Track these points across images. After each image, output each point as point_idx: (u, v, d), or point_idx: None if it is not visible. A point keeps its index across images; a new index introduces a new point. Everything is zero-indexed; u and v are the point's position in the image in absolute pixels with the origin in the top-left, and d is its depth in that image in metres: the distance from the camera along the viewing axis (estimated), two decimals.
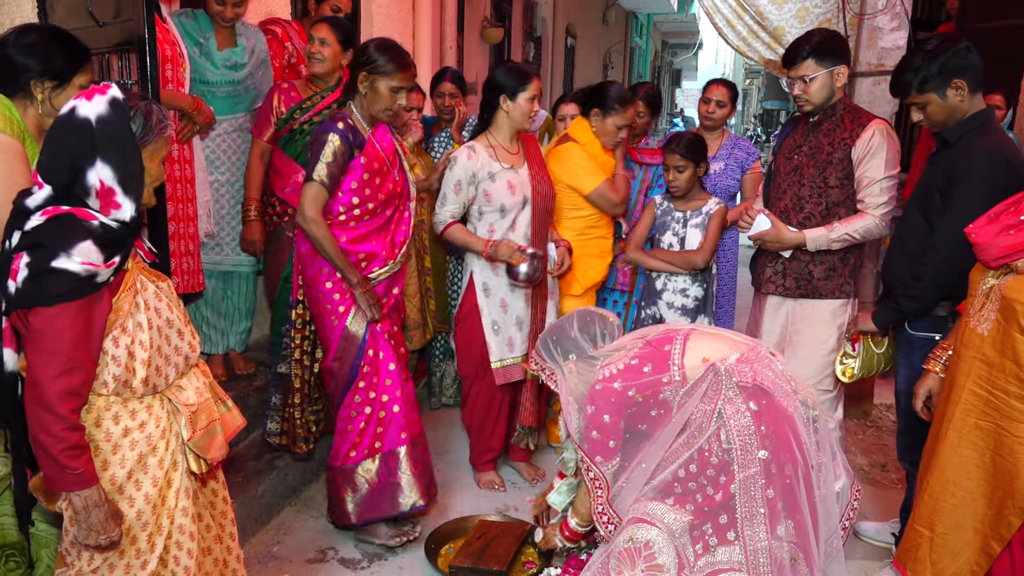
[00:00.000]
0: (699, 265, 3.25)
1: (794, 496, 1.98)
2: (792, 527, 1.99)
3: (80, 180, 1.66)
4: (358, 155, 2.76)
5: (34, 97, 2.03)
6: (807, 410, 2.06)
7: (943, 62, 2.44)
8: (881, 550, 3.00)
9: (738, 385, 2.00)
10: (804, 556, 1.99)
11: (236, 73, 3.31)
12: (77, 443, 1.64)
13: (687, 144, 3.28)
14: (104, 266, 1.64)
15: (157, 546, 1.80)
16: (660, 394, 2.08)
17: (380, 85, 2.74)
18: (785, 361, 2.94)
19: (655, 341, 2.17)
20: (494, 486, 3.43)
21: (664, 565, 1.99)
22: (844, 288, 2.97)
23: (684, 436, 2.04)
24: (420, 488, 2.87)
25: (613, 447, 2.12)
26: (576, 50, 12.91)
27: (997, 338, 2.07)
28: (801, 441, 1.99)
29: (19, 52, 2.01)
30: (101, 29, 2.45)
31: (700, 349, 2.11)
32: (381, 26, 5.32)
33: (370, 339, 2.81)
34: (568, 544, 2.49)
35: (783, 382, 2.05)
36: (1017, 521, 2.03)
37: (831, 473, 2.08)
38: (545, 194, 3.22)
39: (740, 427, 1.96)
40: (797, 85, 2.89)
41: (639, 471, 2.07)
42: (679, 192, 3.30)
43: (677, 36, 24.64)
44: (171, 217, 3.00)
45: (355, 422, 2.83)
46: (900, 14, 5.24)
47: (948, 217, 2.45)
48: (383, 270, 2.86)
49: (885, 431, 4.09)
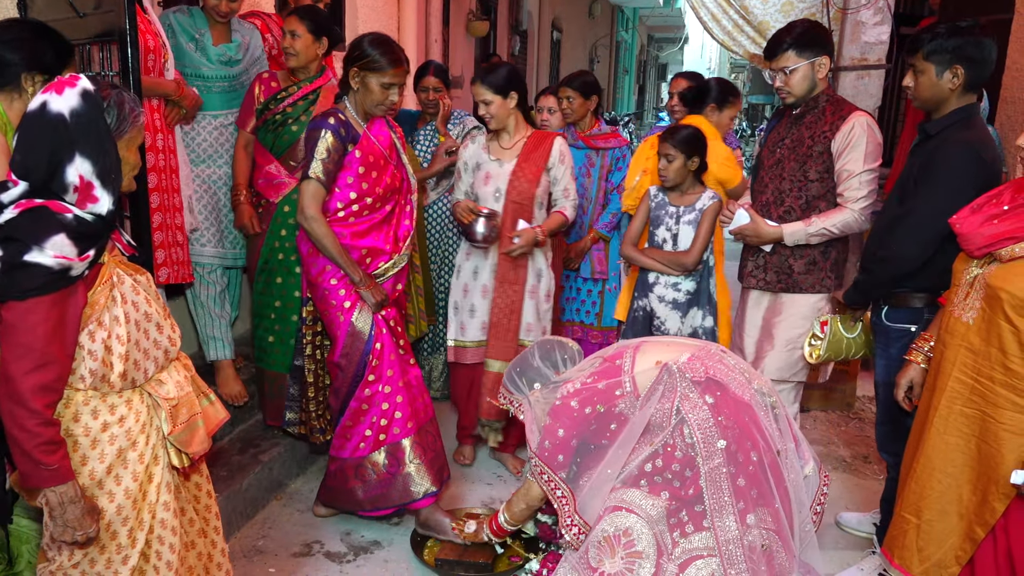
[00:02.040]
0: (689, 267, 3.25)
1: (762, 483, 2.02)
2: (765, 514, 2.02)
3: (59, 177, 1.63)
4: (352, 149, 2.75)
5: (23, 90, 2.02)
6: (764, 397, 2.10)
7: (961, 43, 2.40)
8: (863, 540, 3.03)
9: (692, 381, 2.05)
10: (780, 541, 2.02)
11: (231, 68, 3.30)
12: (52, 439, 1.62)
13: (680, 135, 3.29)
14: (78, 260, 1.61)
15: (138, 541, 1.79)
16: (615, 407, 2.14)
17: (371, 81, 2.74)
18: (753, 354, 3.03)
19: (609, 357, 2.25)
20: (460, 457, 3.58)
21: (644, 552, 2.01)
22: (824, 282, 2.96)
23: (646, 436, 2.09)
24: (431, 475, 2.87)
25: (562, 461, 2.18)
26: (562, 44, 12.92)
27: (982, 326, 2.09)
28: (762, 428, 2.04)
29: (7, 47, 2.00)
30: (82, 20, 2.43)
31: (651, 355, 2.18)
32: (366, 19, 5.29)
33: (376, 333, 2.82)
34: (494, 539, 2.64)
35: (736, 374, 2.11)
36: (1001, 507, 2.06)
37: (795, 458, 2.13)
38: (521, 190, 3.25)
39: (699, 420, 2.01)
40: (779, 77, 2.88)
41: (604, 476, 2.10)
42: (666, 182, 3.30)
43: (663, 30, 24.70)
44: (156, 208, 2.98)
45: (366, 415, 2.84)
46: (883, 9, 5.28)
47: (916, 204, 2.46)
48: (388, 265, 2.87)
49: (867, 423, 4.13)
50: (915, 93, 2.53)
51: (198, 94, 3.12)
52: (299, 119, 3.18)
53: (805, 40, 2.83)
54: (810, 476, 2.18)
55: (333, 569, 2.80)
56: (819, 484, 2.21)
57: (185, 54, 3.15)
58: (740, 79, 32.77)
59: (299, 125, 3.17)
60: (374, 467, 2.85)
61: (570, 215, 3.36)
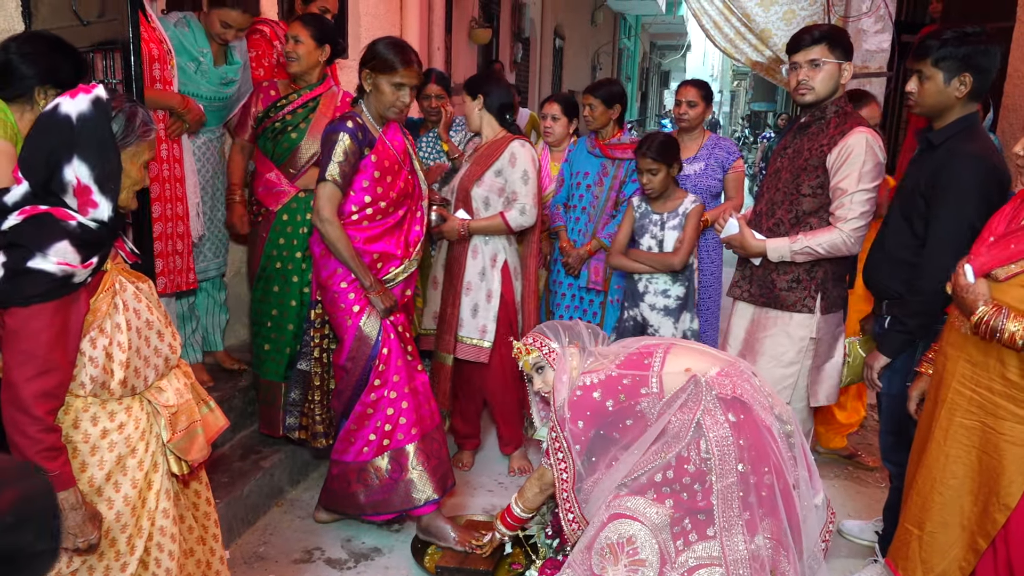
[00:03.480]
0: (676, 267, 3.28)
1: (775, 508, 2.00)
2: (772, 536, 2.01)
3: (57, 176, 1.64)
4: (368, 153, 2.77)
5: (35, 103, 2.06)
6: (782, 425, 2.09)
7: (970, 51, 2.36)
8: (864, 548, 3.02)
9: (717, 397, 2.03)
10: (788, 563, 2.02)
11: (228, 89, 3.34)
12: (53, 445, 1.63)
13: (658, 147, 3.30)
14: (81, 267, 1.62)
15: (137, 548, 1.79)
16: (637, 405, 2.12)
17: (382, 82, 2.75)
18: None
19: (638, 352, 2.22)
20: (459, 464, 3.58)
21: (647, 560, 2.01)
22: (807, 302, 2.79)
23: (659, 443, 2.07)
24: (434, 482, 2.87)
25: (578, 451, 2.17)
26: (564, 51, 12.94)
27: None
28: (780, 455, 2.02)
29: (24, 60, 2.05)
30: (85, 28, 2.44)
31: (681, 361, 2.15)
32: (368, 26, 5.31)
33: (384, 338, 2.82)
34: (507, 532, 2.59)
35: (761, 397, 2.09)
36: (1001, 518, 2.05)
37: (809, 488, 2.11)
38: (463, 187, 3.38)
39: (719, 437, 1.99)
40: (802, 70, 2.71)
41: (609, 476, 2.10)
42: (654, 194, 3.33)
43: (665, 38, 24.75)
44: (158, 218, 3.00)
45: (371, 420, 2.84)
46: (884, 17, 5.29)
47: (938, 228, 2.39)
48: (399, 270, 2.88)
49: (869, 431, 4.12)
50: (919, 99, 2.46)
51: (202, 110, 3.15)
52: (298, 127, 3.20)
53: (837, 39, 2.70)
54: (819, 507, 2.16)
55: None
56: (826, 519, 2.19)
57: (184, 72, 3.16)
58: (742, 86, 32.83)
59: (298, 133, 3.19)
60: (377, 472, 2.85)
61: (511, 219, 3.29)
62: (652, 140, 3.35)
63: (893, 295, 2.60)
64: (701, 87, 4.02)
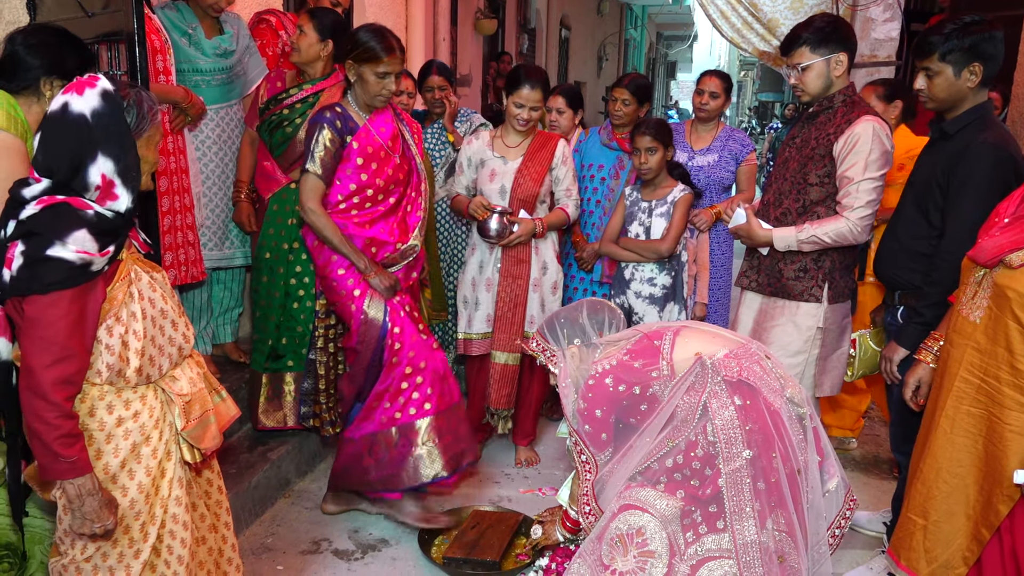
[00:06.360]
0: (664, 253, 3.29)
1: (782, 494, 1.99)
2: (781, 522, 2.00)
3: (81, 176, 1.66)
4: (350, 141, 2.77)
5: (41, 95, 2.06)
6: (794, 407, 2.07)
7: (976, 41, 2.35)
8: (873, 539, 3.02)
9: (724, 380, 2.01)
10: (795, 552, 2.00)
11: (226, 60, 3.33)
12: (71, 431, 1.65)
13: (656, 125, 3.32)
14: (99, 255, 1.64)
15: (150, 535, 1.81)
16: (649, 388, 2.10)
17: (365, 71, 2.74)
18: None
19: (648, 336, 2.19)
20: None
21: (656, 551, 2.00)
22: (814, 291, 2.78)
23: (669, 429, 2.05)
24: (444, 459, 2.84)
25: (605, 439, 2.14)
26: (570, 42, 12.89)
27: (989, 325, 2.08)
28: (787, 439, 2.00)
29: (30, 52, 2.05)
30: (90, 20, 2.44)
31: (691, 344, 2.12)
32: (374, 17, 5.30)
33: (393, 317, 2.82)
34: (569, 536, 2.50)
35: (771, 379, 2.06)
36: (1005, 508, 2.04)
37: (816, 472, 2.08)
38: (526, 188, 3.31)
39: (724, 421, 1.97)
40: (793, 74, 2.76)
41: (623, 465, 2.08)
42: (650, 174, 3.32)
43: (672, 28, 24.62)
44: (167, 211, 3.01)
45: (385, 396, 2.85)
46: (893, 5, 5.26)
47: (956, 220, 2.38)
48: (395, 255, 2.88)
49: (877, 422, 4.11)
50: (931, 95, 2.46)
51: (204, 103, 3.16)
52: (294, 121, 3.16)
53: (821, 35, 2.70)
54: (833, 491, 2.13)
55: (341, 567, 2.81)
56: (842, 505, 2.15)
57: (180, 50, 3.17)
58: (749, 77, 32.66)
59: (293, 127, 3.16)
60: (387, 442, 2.84)
61: (571, 213, 3.45)
62: (649, 120, 3.39)
63: (909, 287, 2.59)
64: (724, 79, 3.97)
